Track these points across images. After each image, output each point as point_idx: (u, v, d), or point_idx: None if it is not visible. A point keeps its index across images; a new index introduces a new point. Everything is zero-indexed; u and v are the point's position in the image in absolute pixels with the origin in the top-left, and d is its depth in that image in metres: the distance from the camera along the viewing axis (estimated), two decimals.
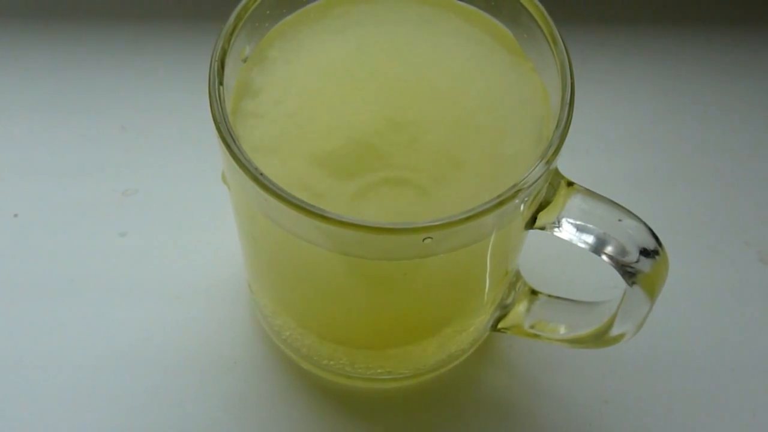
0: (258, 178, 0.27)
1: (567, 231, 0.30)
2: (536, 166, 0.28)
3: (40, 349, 0.39)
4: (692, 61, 0.48)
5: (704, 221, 0.43)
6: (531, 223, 0.30)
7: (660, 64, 0.48)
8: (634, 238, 0.30)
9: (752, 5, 0.50)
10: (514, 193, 0.27)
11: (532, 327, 0.37)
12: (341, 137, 0.30)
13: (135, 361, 0.39)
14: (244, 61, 0.31)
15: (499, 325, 0.37)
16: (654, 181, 0.44)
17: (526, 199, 0.28)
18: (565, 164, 0.33)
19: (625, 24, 0.49)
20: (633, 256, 0.30)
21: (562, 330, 0.36)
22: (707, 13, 0.49)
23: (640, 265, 0.30)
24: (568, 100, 0.29)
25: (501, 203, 0.27)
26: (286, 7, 0.32)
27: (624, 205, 0.30)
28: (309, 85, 0.31)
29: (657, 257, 0.30)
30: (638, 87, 0.47)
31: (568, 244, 0.30)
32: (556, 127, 0.28)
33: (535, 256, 0.39)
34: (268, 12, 0.31)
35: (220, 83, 0.29)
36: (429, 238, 0.27)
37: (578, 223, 0.30)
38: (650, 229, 0.30)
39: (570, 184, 0.30)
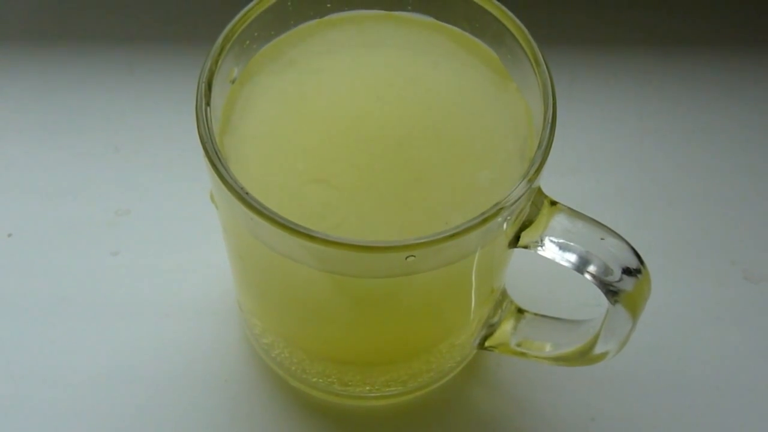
0: (244, 198, 0.27)
1: (550, 250, 0.30)
2: (518, 185, 0.28)
3: (32, 367, 0.39)
4: (679, 83, 0.48)
5: (691, 240, 0.43)
6: (514, 242, 0.31)
7: (647, 85, 0.48)
8: (617, 256, 0.30)
9: (738, 28, 0.50)
10: (497, 211, 0.27)
11: (518, 345, 0.37)
12: (328, 157, 0.30)
13: (126, 379, 0.39)
14: (233, 82, 0.32)
15: (486, 344, 0.38)
16: (641, 201, 0.45)
17: (509, 217, 0.29)
18: (552, 183, 0.33)
19: (613, 45, 0.49)
20: (615, 275, 0.30)
21: (548, 348, 0.36)
22: (694, 36, 0.50)
23: (623, 283, 0.30)
24: (550, 120, 0.29)
25: (484, 221, 0.27)
26: (274, 29, 0.32)
27: (611, 225, 0.30)
28: (297, 107, 0.31)
29: (639, 276, 0.30)
30: (625, 108, 0.48)
31: (555, 263, 0.30)
32: (539, 146, 0.29)
33: (522, 274, 0.39)
34: (256, 34, 0.32)
35: (207, 104, 0.29)
36: (412, 256, 0.27)
37: (561, 241, 0.30)
38: (632, 248, 0.30)
39: (553, 203, 0.30)
